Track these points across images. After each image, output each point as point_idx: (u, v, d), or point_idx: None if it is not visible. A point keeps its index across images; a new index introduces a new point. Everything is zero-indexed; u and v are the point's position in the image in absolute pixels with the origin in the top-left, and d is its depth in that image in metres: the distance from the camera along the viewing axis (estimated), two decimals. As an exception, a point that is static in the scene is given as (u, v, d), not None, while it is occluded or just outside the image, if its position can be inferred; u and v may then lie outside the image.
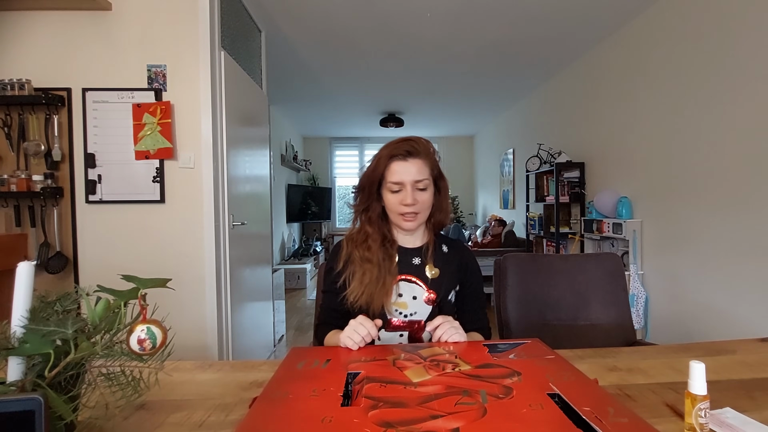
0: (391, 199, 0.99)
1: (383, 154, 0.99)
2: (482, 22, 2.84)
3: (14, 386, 0.53)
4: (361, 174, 1.05)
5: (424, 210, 1.01)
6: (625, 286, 1.37)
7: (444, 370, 0.72)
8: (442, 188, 1.05)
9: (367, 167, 1.02)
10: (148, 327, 0.61)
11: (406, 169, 0.97)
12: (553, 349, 0.83)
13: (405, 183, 0.97)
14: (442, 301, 1.02)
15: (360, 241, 1.03)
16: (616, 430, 0.52)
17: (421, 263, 1.04)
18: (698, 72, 2.24)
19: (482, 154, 6.82)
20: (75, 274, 1.99)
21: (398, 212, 0.99)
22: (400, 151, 0.97)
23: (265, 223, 2.85)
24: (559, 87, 3.93)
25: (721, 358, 0.90)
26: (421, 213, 1.00)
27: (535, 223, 4.08)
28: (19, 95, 1.89)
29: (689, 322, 2.32)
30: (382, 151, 1.00)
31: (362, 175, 1.03)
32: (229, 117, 2.12)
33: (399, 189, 0.98)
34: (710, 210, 2.17)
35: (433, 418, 0.55)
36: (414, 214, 0.99)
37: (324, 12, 2.67)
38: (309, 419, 0.56)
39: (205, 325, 1.99)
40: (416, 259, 1.04)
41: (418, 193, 0.98)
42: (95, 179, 1.97)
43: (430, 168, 1.00)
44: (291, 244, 5.93)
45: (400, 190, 0.98)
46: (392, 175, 0.98)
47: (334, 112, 5.50)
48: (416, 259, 1.04)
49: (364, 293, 0.96)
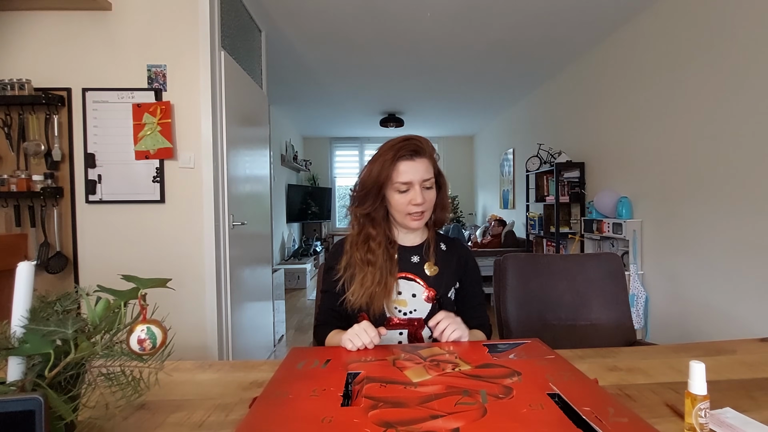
0: (399, 200, 0.98)
1: (387, 155, 0.96)
2: (482, 22, 2.84)
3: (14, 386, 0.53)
4: (361, 176, 1.02)
5: (430, 209, 1.01)
6: (625, 286, 1.37)
7: (444, 370, 0.72)
8: (442, 185, 1.05)
9: (370, 169, 0.99)
10: (148, 327, 0.61)
11: (414, 168, 0.96)
12: (553, 349, 0.83)
13: (414, 183, 0.96)
14: (441, 299, 1.02)
15: (361, 243, 1.02)
16: (616, 430, 0.52)
17: (420, 261, 1.04)
18: (698, 72, 2.24)
19: (482, 154, 6.82)
20: (75, 274, 1.99)
21: (406, 212, 0.99)
22: (407, 150, 0.96)
23: (265, 223, 2.85)
24: (559, 87, 3.93)
25: (721, 358, 0.90)
26: (427, 211, 1.01)
27: (535, 223, 4.08)
28: (19, 95, 1.89)
29: (689, 322, 2.32)
30: (386, 152, 0.97)
31: (365, 178, 1.00)
32: (229, 117, 2.12)
33: (407, 189, 0.97)
34: (710, 210, 2.17)
35: (433, 418, 0.55)
36: (421, 213, 0.99)
37: (324, 12, 2.67)
38: (309, 419, 0.56)
39: (205, 325, 1.99)
40: (415, 257, 1.04)
41: (426, 192, 0.98)
42: (95, 179, 1.97)
43: (433, 167, 1.01)
44: (291, 244, 5.93)
45: (408, 189, 0.97)
46: (400, 175, 0.96)
47: (334, 112, 5.50)
48: (415, 257, 1.04)
49: (365, 295, 0.96)
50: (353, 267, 1.00)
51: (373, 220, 1.03)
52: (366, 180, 1.00)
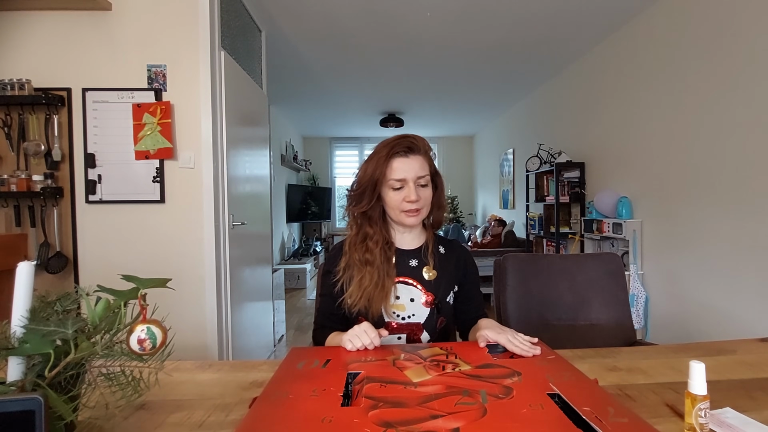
0: (393, 197, 0.98)
1: (382, 153, 0.97)
2: (482, 21, 2.84)
3: (14, 386, 0.53)
4: (358, 175, 1.02)
5: (425, 206, 1.01)
6: (625, 286, 1.37)
7: (444, 370, 0.72)
8: (438, 185, 1.05)
9: (365, 167, 1.00)
10: (148, 327, 0.61)
11: (409, 165, 0.97)
12: (553, 350, 0.83)
13: (408, 179, 0.96)
14: (440, 303, 1.01)
15: (359, 243, 1.02)
16: (616, 430, 0.52)
17: (418, 265, 1.03)
18: (698, 72, 2.24)
19: (482, 154, 6.82)
20: (75, 274, 1.99)
21: (401, 209, 0.98)
22: (401, 147, 0.97)
23: (265, 223, 2.85)
24: (559, 87, 3.93)
25: (721, 358, 0.90)
26: (423, 209, 1.00)
27: (535, 223, 4.08)
28: (19, 95, 1.89)
29: (689, 322, 2.32)
30: (380, 150, 0.98)
31: (361, 176, 1.01)
32: (229, 117, 2.12)
33: (401, 186, 0.97)
34: (710, 210, 2.17)
35: (434, 418, 0.55)
36: (416, 210, 0.98)
37: (324, 12, 2.67)
38: (309, 419, 0.56)
39: (205, 325, 1.99)
40: (413, 261, 1.04)
41: (420, 189, 0.98)
42: (95, 179, 1.97)
43: (429, 165, 1.01)
44: (291, 244, 5.93)
45: (402, 186, 0.97)
46: (394, 172, 0.96)
47: (334, 112, 5.50)
48: (413, 261, 1.04)
49: (363, 296, 0.95)
50: (352, 268, 1.00)
51: (370, 219, 1.02)
52: (362, 179, 1.00)
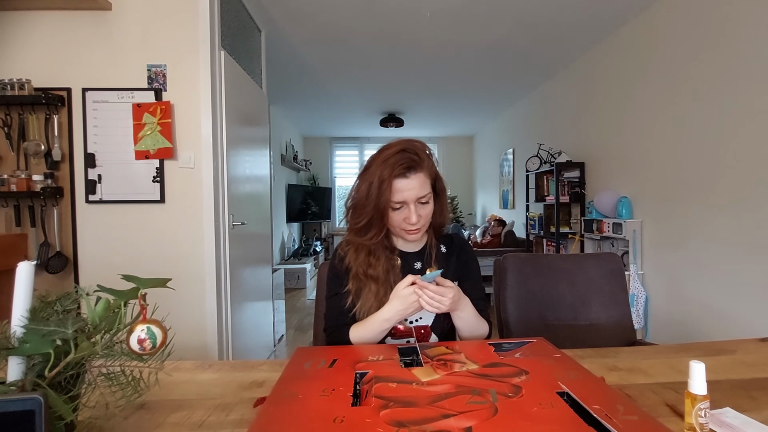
0: (394, 217, 0.95)
1: (384, 175, 0.91)
2: (482, 21, 2.84)
3: (14, 386, 0.53)
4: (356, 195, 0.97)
5: (426, 222, 0.99)
6: (625, 286, 1.37)
7: (452, 369, 0.72)
8: (440, 191, 1.01)
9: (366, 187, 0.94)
10: (148, 327, 0.61)
11: (409, 186, 0.92)
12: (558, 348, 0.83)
13: (408, 201, 0.93)
14: None
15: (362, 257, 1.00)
16: (626, 427, 0.52)
17: (422, 267, 1.04)
18: (698, 72, 2.24)
19: (482, 154, 6.82)
20: (75, 274, 1.99)
21: (401, 227, 0.97)
22: (401, 169, 0.91)
23: (265, 223, 2.85)
24: (559, 87, 3.93)
25: (721, 358, 0.90)
26: (423, 226, 0.98)
27: (535, 223, 4.08)
28: (19, 95, 1.89)
29: (689, 322, 2.32)
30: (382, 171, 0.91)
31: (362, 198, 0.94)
32: (229, 117, 2.12)
33: (401, 207, 0.94)
34: (710, 210, 2.17)
35: (445, 417, 0.55)
36: (417, 229, 0.97)
37: (324, 12, 2.67)
38: (321, 419, 0.56)
39: (205, 325, 1.99)
40: (417, 263, 1.04)
41: (421, 207, 0.95)
42: (95, 179, 1.97)
43: (430, 178, 0.96)
44: (291, 244, 5.93)
45: (402, 207, 0.94)
46: (394, 194, 0.92)
47: (334, 112, 5.50)
48: (417, 263, 1.04)
49: (372, 308, 0.95)
50: (357, 279, 0.99)
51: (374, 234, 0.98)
52: (363, 201, 0.94)
